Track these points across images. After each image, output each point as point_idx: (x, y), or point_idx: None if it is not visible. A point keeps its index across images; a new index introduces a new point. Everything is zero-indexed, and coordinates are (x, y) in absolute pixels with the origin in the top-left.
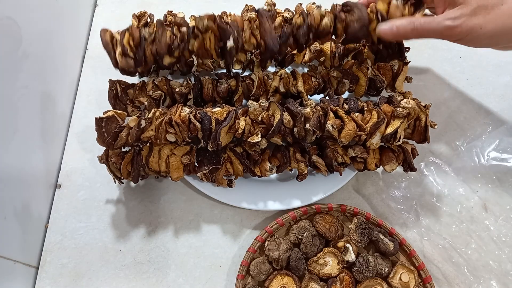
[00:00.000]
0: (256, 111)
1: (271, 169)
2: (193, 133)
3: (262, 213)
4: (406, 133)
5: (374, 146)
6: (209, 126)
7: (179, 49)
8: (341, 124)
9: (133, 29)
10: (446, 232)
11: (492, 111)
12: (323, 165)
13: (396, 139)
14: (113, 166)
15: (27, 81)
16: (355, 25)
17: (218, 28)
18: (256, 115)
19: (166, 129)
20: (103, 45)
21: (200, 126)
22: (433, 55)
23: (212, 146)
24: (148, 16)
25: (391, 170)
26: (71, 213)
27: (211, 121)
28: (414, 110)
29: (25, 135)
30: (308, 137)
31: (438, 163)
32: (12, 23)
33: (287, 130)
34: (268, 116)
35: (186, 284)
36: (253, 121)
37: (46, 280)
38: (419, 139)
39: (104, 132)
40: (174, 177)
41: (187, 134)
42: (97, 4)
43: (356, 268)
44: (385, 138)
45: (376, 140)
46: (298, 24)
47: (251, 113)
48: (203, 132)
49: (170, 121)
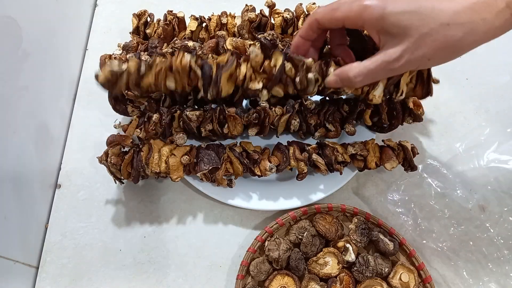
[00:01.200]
0: (257, 57)
1: (270, 169)
2: (194, 82)
3: (262, 213)
4: (409, 88)
5: (377, 99)
6: (210, 73)
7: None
8: None
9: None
10: (444, 234)
11: (492, 112)
12: (323, 164)
13: (399, 93)
14: (113, 167)
15: (27, 81)
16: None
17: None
18: (258, 62)
19: (166, 75)
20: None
21: (200, 73)
22: None
23: (212, 93)
24: (148, 16)
25: (391, 168)
26: (71, 213)
27: (211, 68)
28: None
29: (25, 135)
30: (311, 87)
31: (437, 165)
32: (13, 22)
33: (289, 79)
34: (270, 66)
35: (186, 284)
36: (254, 71)
37: (46, 280)
38: (422, 92)
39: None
40: (174, 177)
41: (187, 81)
42: (97, 4)
43: (356, 268)
44: (388, 90)
45: (378, 92)
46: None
47: (252, 60)
48: (203, 79)
49: (170, 67)
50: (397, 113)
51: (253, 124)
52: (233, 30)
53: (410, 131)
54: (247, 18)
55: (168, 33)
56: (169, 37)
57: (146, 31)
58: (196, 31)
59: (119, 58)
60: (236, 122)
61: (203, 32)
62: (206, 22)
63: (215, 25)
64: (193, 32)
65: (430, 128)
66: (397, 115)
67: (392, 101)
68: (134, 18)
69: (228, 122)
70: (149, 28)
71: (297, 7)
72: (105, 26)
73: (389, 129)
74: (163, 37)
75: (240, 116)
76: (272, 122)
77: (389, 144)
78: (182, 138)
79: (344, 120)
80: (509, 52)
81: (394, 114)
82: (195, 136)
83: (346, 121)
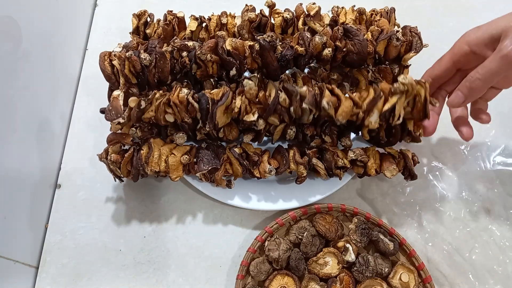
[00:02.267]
0: (251, 90)
1: (270, 171)
2: (192, 114)
3: (262, 213)
4: (406, 111)
5: (373, 125)
6: (207, 106)
7: (181, 74)
8: (337, 102)
9: (133, 59)
10: (450, 237)
11: (493, 113)
12: (323, 169)
13: (395, 117)
14: (112, 165)
15: (27, 81)
16: (354, 57)
17: (221, 59)
18: (252, 94)
19: (164, 110)
20: (106, 79)
21: (198, 107)
22: (433, 55)
23: (210, 126)
24: (148, 16)
25: (391, 176)
26: (71, 213)
27: (208, 101)
28: (412, 85)
29: (25, 135)
30: (305, 116)
31: (442, 167)
32: (13, 22)
33: (284, 109)
34: (265, 96)
35: (186, 284)
36: (250, 102)
37: (46, 280)
38: (419, 116)
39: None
40: (174, 177)
41: (185, 114)
42: (97, 4)
43: (356, 268)
44: (384, 116)
45: (374, 118)
46: (299, 52)
47: (247, 92)
48: (201, 112)
49: (168, 101)
50: (395, 132)
51: (248, 130)
52: (233, 30)
53: None
54: (247, 18)
55: (168, 33)
56: (169, 37)
57: (146, 31)
58: (196, 31)
59: (118, 56)
60: (232, 127)
61: (203, 32)
62: (206, 22)
63: (215, 25)
64: (193, 32)
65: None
66: (395, 134)
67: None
68: (134, 18)
69: (224, 126)
70: (149, 28)
71: (297, 7)
72: (105, 26)
73: (386, 145)
74: (163, 37)
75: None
76: (268, 130)
77: (389, 151)
78: (182, 137)
79: (341, 133)
80: None
81: (393, 131)
82: (191, 138)
83: (342, 134)
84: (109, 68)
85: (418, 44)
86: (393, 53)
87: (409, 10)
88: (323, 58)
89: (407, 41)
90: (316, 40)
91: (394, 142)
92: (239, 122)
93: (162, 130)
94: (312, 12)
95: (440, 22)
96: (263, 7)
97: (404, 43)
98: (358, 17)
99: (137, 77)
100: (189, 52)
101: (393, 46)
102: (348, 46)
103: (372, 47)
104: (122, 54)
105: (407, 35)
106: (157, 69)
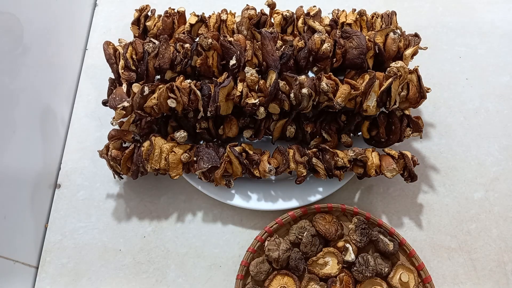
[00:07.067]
0: (252, 76)
1: (270, 170)
2: (194, 104)
3: (262, 213)
4: (402, 97)
5: (372, 110)
6: (208, 92)
7: (182, 65)
8: (335, 86)
9: (136, 43)
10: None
11: (492, 111)
12: (323, 169)
13: (392, 102)
14: (113, 161)
15: (27, 81)
16: (354, 52)
17: (222, 47)
18: (253, 81)
19: (167, 95)
20: (106, 58)
21: (200, 94)
22: (432, 55)
23: (211, 109)
24: (150, 11)
25: (391, 177)
26: (70, 213)
27: (210, 88)
28: (404, 68)
29: (25, 135)
30: (305, 102)
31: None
32: (14, 19)
33: (284, 95)
34: (265, 85)
35: (186, 284)
36: (250, 89)
37: (46, 280)
38: (416, 98)
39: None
40: (173, 175)
41: (187, 99)
42: (97, 4)
43: (356, 268)
44: (381, 99)
45: (372, 102)
46: (299, 47)
47: (248, 79)
48: (203, 99)
49: (171, 86)
50: (395, 128)
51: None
52: (232, 27)
53: None
54: (246, 15)
55: (168, 26)
56: (168, 29)
57: (146, 23)
58: (195, 26)
59: (123, 43)
60: (232, 123)
61: (203, 28)
62: (206, 20)
63: (215, 21)
64: (192, 26)
65: (430, 128)
66: (395, 130)
67: (391, 116)
68: (136, 12)
69: (224, 122)
70: (149, 21)
71: (298, 9)
72: (105, 26)
73: (387, 144)
74: (162, 29)
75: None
76: (268, 127)
77: (389, 152)
78: (183, 136)
79: (341, 130)
80: (509, 52)
81: (393, 128)
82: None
83: (343, 131)
84: (111, 50)
85: (416, 41)
86: (393, 48)
87: (409, 10)
88: (323, 54)
89: (404, 38)
90: (315, 36)
91: (394, 139)
92: (240, 113)
93: (162, 128)
94: (312, 12)
95: (440, 22)
96: (263, 7)
97: (402, 38)
98: (358, 19)
99: (137, 66)
100: (190, 44)
101: (392, 39)
102: (347, 44)
103: (371, 44)
104: (125, 44)
105: (404, 35)
106: (158, 56)
